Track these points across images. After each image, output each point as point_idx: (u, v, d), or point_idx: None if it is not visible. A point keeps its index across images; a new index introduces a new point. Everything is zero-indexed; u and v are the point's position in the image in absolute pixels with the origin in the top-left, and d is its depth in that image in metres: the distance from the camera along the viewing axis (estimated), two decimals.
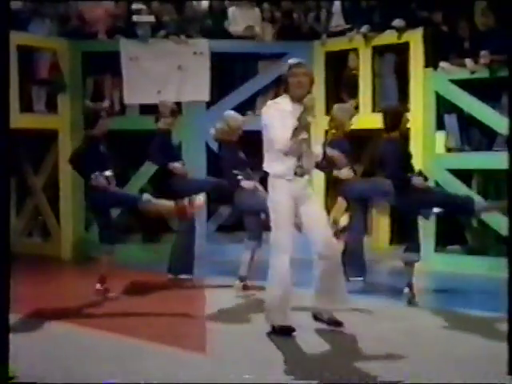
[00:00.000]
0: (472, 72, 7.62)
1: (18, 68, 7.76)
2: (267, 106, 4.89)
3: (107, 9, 8.85)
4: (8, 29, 3.40)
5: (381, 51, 8.35)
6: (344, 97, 8.58)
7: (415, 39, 7.97)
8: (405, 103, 7.63)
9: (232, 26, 8.87)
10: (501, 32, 7.36)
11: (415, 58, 7.96)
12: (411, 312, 5.62)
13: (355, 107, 8.02)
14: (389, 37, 8.19)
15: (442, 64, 7.81)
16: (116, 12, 8.87)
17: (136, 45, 8.60)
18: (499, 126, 7.29)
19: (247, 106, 8.80)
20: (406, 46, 8.05)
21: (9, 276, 3.45)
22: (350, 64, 8.49)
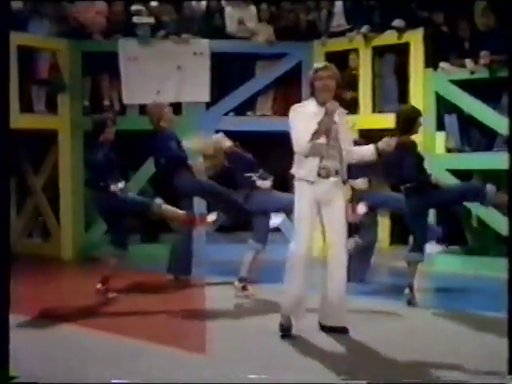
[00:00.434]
0: (472, 72, 7.62)
1: (18, 68, 7.76)
2: (292, 109, 4.89)
3: (103, 9, 8.83)
4: (8, 29, 3.40)
5: (381, 51, 8.35)
6: (344, 97, 8.57)
7: (415, 39, 7.97)
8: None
9: (228, 26, 8.86)
10: (501, 32, 7.36)
11: (415, 59, 7.96)
12: (411, 312, 5.62)
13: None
14: (389, 37, 8.19)
15: (442, 64, 7.82)
16: (113, 12, 8.85)
17: (135, 45, 8.59)
18: (499, 127, 7.29)
19: (247, 107, 8.81)
20: (406, 47, 8.05)
21: (9, 276, 3.45)
22: (351, 64, 8.49)
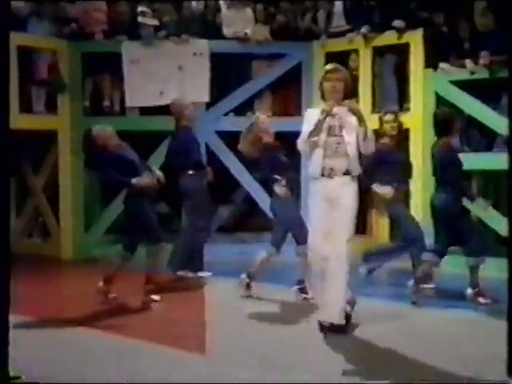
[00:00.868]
0: (472, 73, 7.63)
1: (18, 68, 7.77)
2: (307, 112, 5.19)
3: (104, 9, 8.83)
4: (8, 30, 3.39)
5: (381, 52, 8.35)
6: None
7: (415, 40, 7.98)
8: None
9: (225, 29, 8.85)
10: (500, 33, 7.36)
11: (415, 59, 7.97)
12: (411, 312, 5.62)
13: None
14: (389, 37, 8.20)
15: (442, 65, 7.82)
16: (116, 13, 8.86)
17: (137, 47, 8.59)
18: (499, 127, 7.29)
19: (247, 107, 8.81)
20: (406, 47, 8.06)
21: (9, 276, 3.45)
22: (351, 65, 8.49)
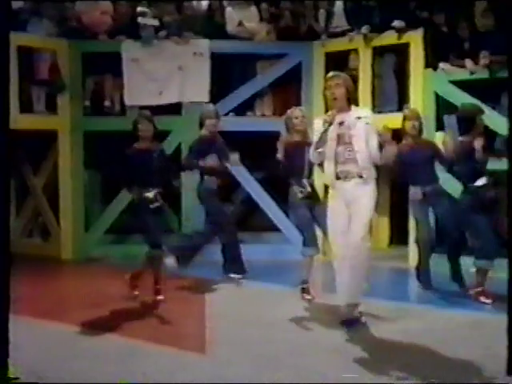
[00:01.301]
0: (472, 73, 7.63)
1: (18, 68, 7.77)
2: (314, 122, 5.26)
3: (108, 9, 8.84)
4: (8, 30, 3.40)
5: (381, 52, 8.35)
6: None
7: (415, 40, 7.98)
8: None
9: (228, 27, 8.86)
10: (501, 33, 7.35)
11: (415, 59, 7.97)
12: (410, 313, 5.62)
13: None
14: (389, 37, 8.19)
15: (442, 65, 7.82)
16: (117, 13, 8.86)
17: (137, 46, 8.60)
18: (499, 127, 7.29)
19: (247, 107, 8.81)
20: (406, 47, 8.05)
21: (9, 276, 3.45)
22: (351, 65, 8.50)
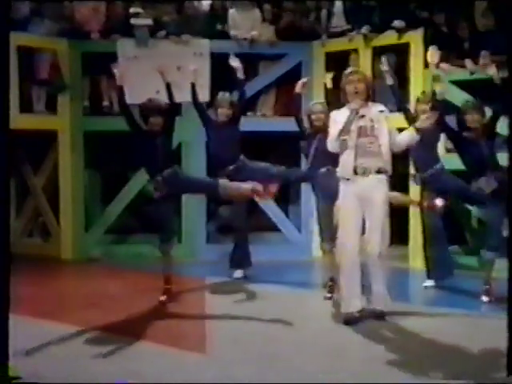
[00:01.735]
0: (472, 73, 7.63)
1: (18, 68, 7.77)
2: (331, 113, 5.33)
3: (100, 8, 8.82)
4: (9, 30, 3.40)
5: (381, 52, 8.34)
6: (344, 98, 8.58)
7: (415, 40, 7.97)
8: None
9: (232, 30, 8.84)
10: (501, 33, 7.36)
11: (415, 59, 7.97)
12: (410, 313, 5.61)
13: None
14: (389, 37, 8.19)
15: (442, 65, 7.81)
16: (112, 12, 8.85)
17: (133, 45, 8.59)
18: (498, 127, 7.28)
19: (248, 107, 8.79)
20: (406, 47, 8.05)
21: (9, 276, 3.45)
22: (351, 65, 8.48)
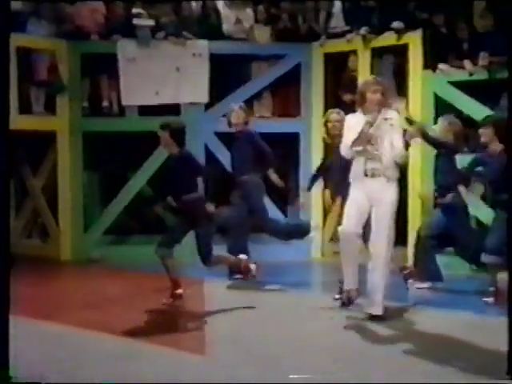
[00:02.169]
0: (471, 74, 7.64)
1: (17, 69, 7.76)
2: (346, 118, 5.48)
3: (100, 9, 8.83)
4: (9, 31, 3.39)
5: (380, 53, 8.36)
6: (343, 99, 8.60)
7: (414, 41, 7.98)
8: None
9: (224, 26, 8.86)
10: (499, 34, 7.37)
11: (414, 60, 7.97)
12: (409, 314, 5.61)
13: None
14: (388, 38, 8.20)
15: (441, 66, 7.83)
16: (113, 13, 8.85)
17: (134, 46, 8.60)
18: None
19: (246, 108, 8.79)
20: (405, 48, 8.06)
21: (9, 277, 3.45)
22: (350, 66, 8.50)
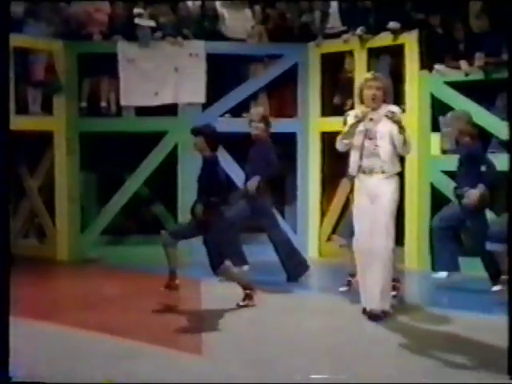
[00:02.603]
0: (467, 74, 7.65)
1: (14, 70, 7.75)
2: (349, 113, 5.59)
3: (103, 10, 8.84)
4: (9, 32, 3.39)
5: (376, 53, 8.37)
6: (339, 99, 8.62)
7: (410, 41, 8.00)
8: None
9: (223, 27, 8.87)
10: (495, 34, 7.39)
11: (410, 60, 7.99)
12: (410, 314, 5.62)
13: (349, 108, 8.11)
14: (384, 39, 8.21)
15: (437, 66, 7.84)
16: (113, 13, 8.86)
17: (133, 47, 8.60)
18: (494, 128, 7.32)
19: (243, 108, 8.80)
20: (402, 48, 8.07)
21: (9, 277, 3.45)
22: (346, 66, 8.52)
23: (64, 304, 6.28)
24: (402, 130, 5.23)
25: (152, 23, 8.58)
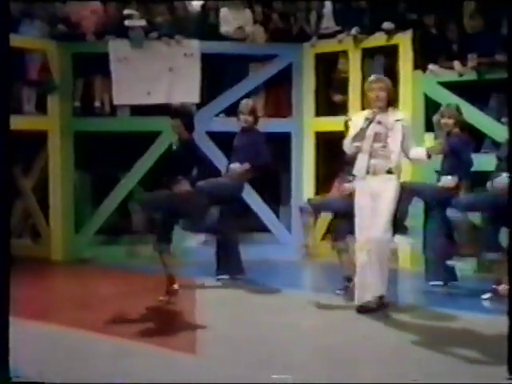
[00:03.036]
0: (460, 74, 7.68)
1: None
2: (354, 116, 5.74)
3: (96, 9, 8.83)
4: (8, 32, 3.39)
5: (370, 53, 8.40)
6: (334, 99, 8.64)
7: (404, 42, 8.02)
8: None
9: (223, 27, 8.88)
10: (489, 35, 7.42)
11: (404, 61, 8.01)
12: (410, 314, 5.63)
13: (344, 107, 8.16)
14: (378, 39, 8.24)
15: (431, 66, 7.87)
16: (106, 13, 8.85)
17: (125, 46, 8.59)
18: (487, 129, 7.36)
19: (238, 108, 8.80)
20: (396, 49, 8.10)
21: (9, 277, 3.45)
22: (340, 66, 8.54)
23: (58, 304, 6.26)
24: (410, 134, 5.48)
25: (143, 22, 8.55)
